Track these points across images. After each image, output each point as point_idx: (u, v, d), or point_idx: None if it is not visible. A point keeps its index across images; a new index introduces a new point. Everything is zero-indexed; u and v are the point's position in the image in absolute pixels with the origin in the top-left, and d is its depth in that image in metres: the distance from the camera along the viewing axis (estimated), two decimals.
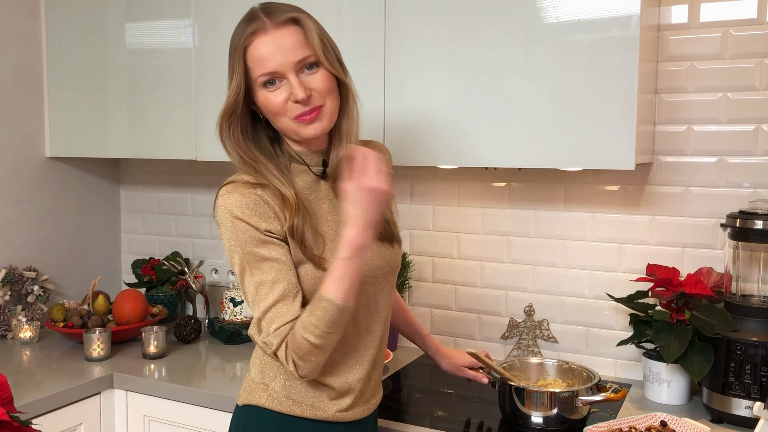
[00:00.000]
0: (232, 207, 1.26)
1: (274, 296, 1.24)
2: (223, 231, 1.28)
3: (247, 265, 1.26)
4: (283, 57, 1.25)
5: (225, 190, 1.29)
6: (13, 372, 1.97)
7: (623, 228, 1.95)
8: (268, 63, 1.25)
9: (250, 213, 1.25)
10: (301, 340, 1.22)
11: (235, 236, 1.26)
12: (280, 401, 1.36)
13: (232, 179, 1.31)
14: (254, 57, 1.26)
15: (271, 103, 1.27)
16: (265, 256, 1.25)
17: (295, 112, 1.27)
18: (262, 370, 1.39)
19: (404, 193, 2.24)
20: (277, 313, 1.24)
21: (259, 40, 1.26)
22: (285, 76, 1.26)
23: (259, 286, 1.25)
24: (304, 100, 1.25)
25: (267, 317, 1.24)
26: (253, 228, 1.25)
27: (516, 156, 1.74)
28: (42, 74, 2.44)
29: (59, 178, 2.53)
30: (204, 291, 2.46)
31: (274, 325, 1.23)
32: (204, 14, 2.11)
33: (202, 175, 2.59)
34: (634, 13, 1.59)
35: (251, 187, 1.28)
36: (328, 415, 1.36)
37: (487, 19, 1.73)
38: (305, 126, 1.28)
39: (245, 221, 1.25)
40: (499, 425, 1.66)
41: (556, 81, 1.67)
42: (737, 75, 1.80)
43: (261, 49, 1.25)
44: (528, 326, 2.08)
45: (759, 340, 1.59)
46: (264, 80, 1.27)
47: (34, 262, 2.44)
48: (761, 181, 1.80)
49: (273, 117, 1.30)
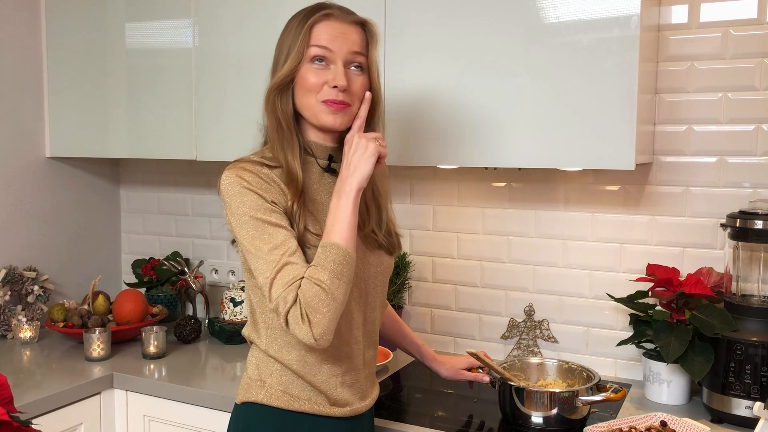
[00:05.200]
0: (240, 179, 1.31)
1: (284, 258, 1.26)
2: (231, 202, 1.31)
3: (257, 230, 1.29)
4: (343, 43, 1.33)
5: (232, 166, 1.34)
6: (13, 372, 1.97)
7: (623, 228, 1.95)
8: (328, 41, 1.32)
9: (258, 185, 1.31)
10: (312, 286, 1.23)
11: (245, 205, 1.30)
12: (277, 397, 1.37)
13: (238, 159, 1.36)
14: (318, 32, 1.33)
15: (310, 78, 1.33)
16: (274, 222, 1.29)
17: (326, 96, 1.32)
18: (258, 367, 1.40)
19: (404, 193, 2.24)
20: (287, 272, 1.25)
21: (328, 22, 1.33)
22: (334, 61, 1.33)
23: (272, 249, 1.27)
24: (342, 88, 1.32)
25: (279, 276, 1.25)
26: (261, 198, 1.30)
27: (516, 156, 1.74)
28: (42, 74, 2.44)
29: (59, 178, 2.53)
30: (204, 291, 2.46)
31: (285, 280, 1.24)
32: (204, 14, 2.11)
33: (202, 175, 2.59)
34: (634, 13, 1.59)
35: (258, 165, 1.34)
36: (323, 410, 1.38)
37: (487, 19, 1.73)
38: (327, 113, 1.34)
39: (254, 191, 1.30)
40: (499, 425, 1.66)
41: (556, 81, 1.67)
42: (737, 75, 1.80)
43: (327, 29, 1.33)
44: (528, 326, 2.08)
45: (759, 340, 1.59)
46: (316, 53, 1.32)
47: (34, 262, 2.44)
48: (761, 181, 1.80)
49: (304, 93, 1.34)
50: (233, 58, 2.08)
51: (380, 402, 1.79)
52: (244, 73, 2.06)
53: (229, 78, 2.09)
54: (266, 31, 2.01)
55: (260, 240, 1.28)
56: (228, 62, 2.08)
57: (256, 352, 1.43)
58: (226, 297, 2.31)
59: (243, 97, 2.06)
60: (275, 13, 1.99)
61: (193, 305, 2.50)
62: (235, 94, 2.08)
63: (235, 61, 2.07)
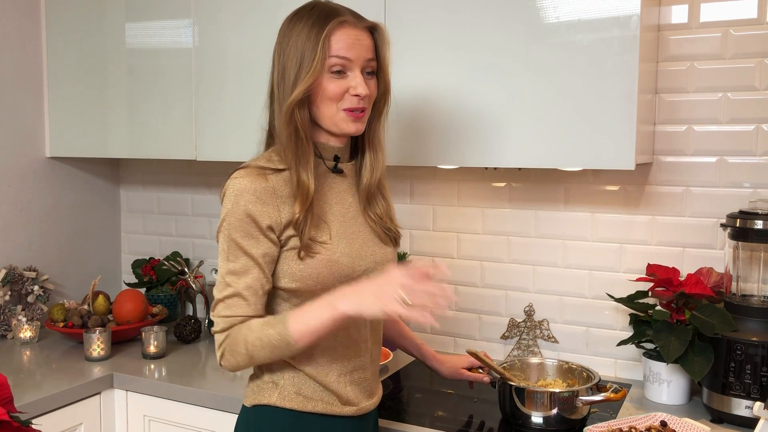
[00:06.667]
0: (238, 191, 1.31)
1: (238, 288, 1.30)
2: (223, 209, 1.33)
3: (228, 249, 1.32)
4: (359, 51, 1.34)
5: (238, 173, 1.34)
6: (13, 372, 1.97)
7: (623, 228, 1.95)
8: (347, 50, 1.32)
9: (255, 201, 1.30)
10: (242, 338, 1.29)
11: (229, 219, 1.31)
12: (291, 398, 1.38)
13: (248, 164, 1.36)
14: (336, 42, 1.32)
15: (331, 89, 1.33)
16: (246, 250, 1.30)
17: (348, 104, 1.34)
18: (270, 369, 1.40)
19: (404, 193, 2.24)
20: (234, 303, 1.31)
21: (344, 30, 1.33)
22: (352, 69, 1.34)
23: (229, 273, 1.32)
24: (363, 97, 1.34)
25: (226, 302, 1.31)
26: (249, 218, 1.30)
27: (516, 156, 1.74)
28: (42, 74, 2.44)
29: (59, 178, 2.53)
30: (204, 291, 2.46)
31: (228, 312, 1.31)
32: (204, 14, 2.11)
33: (202, 175, 2.59)
34: (634, 13, 1.59)
35: (265, 173, 1.33)
36: (336, 409, 1.39)
37: (487, 20, 1.73)
38: (349, 122, 1.35)
39: (245, 209, 1.30)
40: (499, 425, 1.67)
41: (556, 81, 1.67)
42: (737, 75, 1.80)
43: (344, 38, 1.32)
44: (528, 326, 2.08)
45: (759, 340, 1.59)
46: (336, 64, 1.32)
47: (34, 262, 2.44)
48: (761, 181, 1.80)
49: (324, 102, 1.34)
50: (233, 58, 2.08)
51: (380, 402, 1.79)
52: (244, 73, 2.06)
53: (229, 78, 2.09)
54: (266, 31, 2.01)
55: (225, 258, 1.33)
56: (228, 62, 2.09)
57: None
58: None
59: (243, 97, 2.06)
60: (275, 13, 1.99)
61: (193, 305, 2.50)
62: (235, 94, 2.08)
63: (235, 61, 2.07)
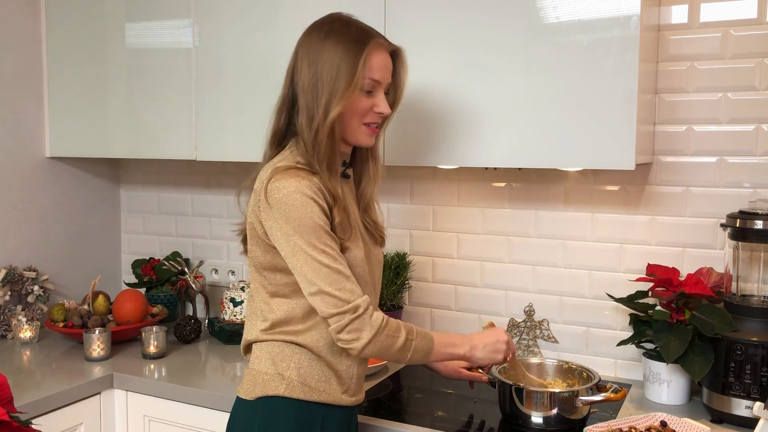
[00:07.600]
0: (302, 187, 1.33)
1: (344, 276, 1.35)
2: (290, 210, 1.33)
3: (317, 242, 1.33)
4: (386, 74, 1.45)
5: (287, 173, 1.36)
6: (13, 372, 1.97)
7: (623, 228, 1.95)
8: (380, 73, 1.43)
9: (321, 196, 1.35)
10: (393, 335, 1.37)
11: (306, 215, 1.33)
12: (297, 389, 1.42)
13: (286, 165, 1.38)
14: (374, 64, 1.41)
15: (362, 105, 1.42)
16: (333, 238, 1.36)
17: (369, 120, 1.44)
18: (274, 362, 1.43)
19: (404, 193, 2.24)
20: (351, 287, 1.34)
21: (380, 53, 1.43)
22: (378, 89, 1.44)
23: (330, 259, 1.34)
24: (385, 115, 1.46)
25: (346, 287, 1.34)
26: (322, 211, 1.35)
27: (516, 156, 1.74)
28: (42, 74, 2.44)
29: (59, 178, 2.53)
30: (204, 291, 2.46)
31: (358, 289, 1.35)
32: (204, 14, 2.11)
33: (202, 175, 2.59)
34: (634, 13, 1.59)
35: (308, 174, 1.37)
36: (337, 398, 1.45)
37: (487, 20, 1.73)
38: (368, 135, 1.46)
39: (317, 202, 1.34)
40: (499, 425, 1.67)
41: (556, 81, 1.67)
42: (737, 75, 1.80)
43: (380, 61, 1.43)
44: (528, 326, 2.08)
45: (759, 340, 1.59)
46: (371, 83, 1.42)
47: (34, 262, 2.44)
48: (761, 181, 1.80)
49: (353, 115, 1.42)
50: (233, 58, 2.08)
51: (380, 402, 1.79)
52: (244, 73, 2.06)
53: (229, 78, 2.09)
54: (266, 31, 2.02)
55: (319, 252, 1.33)
56: (228, 62, 2.09)
57: (267, 347, 1.45)
58: (226, 297, 2.31)
59: (243, 97, 2.06)
60: (275, 13, 2.00)
61: (193, 305, 2.50)
62: (235, 94, 2.08)
63: (234, 61, 2.07)
